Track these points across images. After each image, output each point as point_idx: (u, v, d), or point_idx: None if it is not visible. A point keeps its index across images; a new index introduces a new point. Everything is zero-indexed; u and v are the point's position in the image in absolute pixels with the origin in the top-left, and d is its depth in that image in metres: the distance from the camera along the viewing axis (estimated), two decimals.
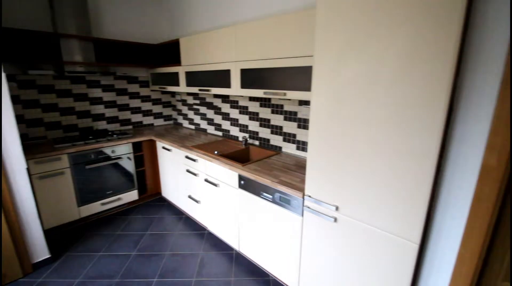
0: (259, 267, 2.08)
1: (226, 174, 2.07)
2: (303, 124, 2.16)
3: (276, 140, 2.42)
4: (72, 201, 2.50)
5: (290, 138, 2.29)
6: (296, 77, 1.75)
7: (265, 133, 2.51)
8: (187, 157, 2.49)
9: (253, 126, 2.61)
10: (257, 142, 2.62)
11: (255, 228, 1.95)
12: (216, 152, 2.26)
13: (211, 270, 2.06)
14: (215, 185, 2.21)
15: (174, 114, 3.81)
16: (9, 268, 1.88)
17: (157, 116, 3.67)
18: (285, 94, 1.84)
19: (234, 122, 2.83)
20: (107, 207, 2.78)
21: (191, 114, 3.47)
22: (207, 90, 2.48)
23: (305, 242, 1.60)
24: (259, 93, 2.01)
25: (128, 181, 2.90)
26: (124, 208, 2.99)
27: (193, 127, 3.49)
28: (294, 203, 1.61)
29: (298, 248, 1.66)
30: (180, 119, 3.71)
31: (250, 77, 2.06)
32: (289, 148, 2.32)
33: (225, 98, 2.87)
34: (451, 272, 1.10)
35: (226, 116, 2.92)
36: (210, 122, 3.16)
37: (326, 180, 1.39)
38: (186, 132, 3.27)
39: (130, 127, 3.40)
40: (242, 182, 1.95)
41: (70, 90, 2.81)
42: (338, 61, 1.21)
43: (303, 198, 1.54)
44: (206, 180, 2.29)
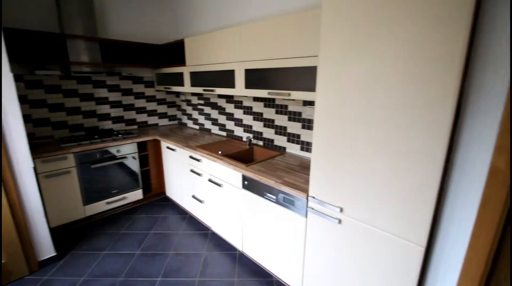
0: (262, 268, 2.08)
1: (230, 174, 2.07)
2: (307, 124, 2.15)
3: (280, 141, 2.41)
4: (77, 200, 2.53)
5: (294, 138, 2.28)
6: (301, 78, 1.74)
7: (269, 133, 2.51)
8: (191, 157, 2.49)
9: (257, 126, 2.61)
10: (261, 143, 2.62)
11: (259, 229, 1.94)
12: (220, 152, 2.27)
13: (215, 270, 2.06)
14: (218, 185, 2.21)
15: (179, 114, 3.83)
16: (15, 265, 1.90)
17: (162, 116, 3.69)
18: (289, 95, 1.83)
19: (238, 122, 2.83)
20: (112, 206, 2.81)
21: (195, 114, 3.48)
22: (212, 90, 2.49)
23: (308, 243, 1.59)
24: (263, 93, 2.00)
25: (132, 181, 2.92)
26: (128, 207, 3.01)
27: (197, 127, 3.50)
28: (298, 204, 1.60)
29: (301, 250, 1.66)
30: (185, 119, 3.73)
31: (254, 77, 2.06)
32: (293, 149, 2.31)
33: (229, 98, 2.88)
34: (457, 276, 1.08)
35: (230, 116, 2.92)
36: (214, 122, 3.17)
37: (331, 181, 1.37)
38: (191, 132, 3.29)
39: (135, 127, 3.43)
40: (245, 182, 1.95)
41: (76, 90, 2.85)
42: (344, 61, 1.20)
43: (307, 199, 1.53)
44: (210, 180, 2.30)
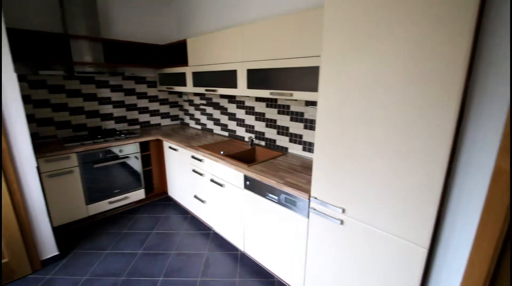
0: (264, 268, 2.07)
1: (232, 175, 2.07)
2: (309, 125, 2.14)
3: (282, 141, 2.40)
4: (80, 199, 2.54)
5: (296, 139, 2.28)
6: (303, 78, 1.74)
7: (271, 133, 2.50)
8: (193, 157, 2.50)
9: (259, 126, 2.61)
10: (263, 143, 2.61)
11: (260, 229, 1.94)
12: (222, 152, 2.27)
13: (216, 270, 2.06)
14: (220, 185, 2.21)
15: (181, 114, 3.84)
16: (18, 264, 1.92)
17: (164, 116, 3.70)
18: (291, 95, 1.82)
19: (240, 123, 2.83)
20: (115, 205, 2.82)
21: (197, 114, 3.49)
22: (214, 90, 2.49)
23: (310, 244, 1.58)
24: (265, 93, 2.00)
25: (135, 180, 2.93)
26: (131, 207, 3.02)
27: (199, 127, 3.50)
28: (300, 204, 1.60)
29: (303, 250, 1.65)
30: (187, 119, 3.73)
31: (257, 78, 2.06)
32: (295, 149, 2.31)
33: (231, 99, 2.88)
34: (461, 278, 1.07)
35: (232, 117, 2.92)
36: (217, 122, 3.17)
37: (333, 182, 1.37)
38: (193, 132, 3.29)
39: (138, 126, 3.44)
40: (247, 182, 1.94)
41: (80, 90, 2.86)
42: (346, 61, 1.19)
43: (309, 199, 1.52)
44: (212, 180, 2.30)
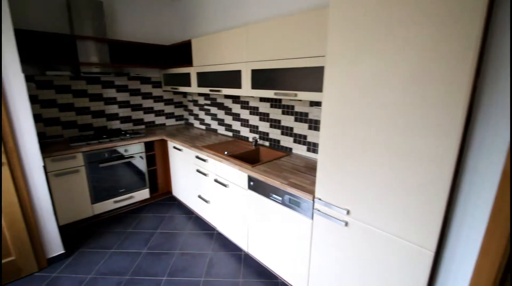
0: (267, 269, 2.07)
1: (236, 175, 2.06)
2: (314, 125, 2.13)
3: (287, 141, 2.39)
4: (86, 198, 2.56)
5: (300, 139, 2.26)
6: (308, 78, 1.73)
7: (275, 134, 2.49)
8: (197, 157, 2.50)
9: (264, 127, 2.60)
10: (267, 143, 2.60)
11: (264, 230, 1.93)
12: (226, 153, 2.26)
13: (220, 271, 2.06)
14: (224, 185, 2.21)
15: (186, 114, 3.85)
16: (25, 262, 1.94)
17: (169, 116, 3.72)
18: (296, 95, 1.81)
19: (245, 123, 2.83)
20: (119, 205, 2.84)
21: (202, 115, 3.49)
22: (218, 90, 2.49)
23: (314, 245, 1.57)
24: (269, 93, 1.99)
25: (140, 180, 2.95)
26: (135, 206, 3.04)
27: (204, 127, 3.51)
28: (304, 205, 1.58)
29: (307, 252, 1.64)
30: (191, 119, 3.75)
31: (261, 78, 2.05)
32: (300, 150, 2.29)
33: (235, 99, 2.87)
34: (468, 283, 1.05)
35: (236, 117, 2.92)
36: (221, 122, 3.18)
37: (337, 183, 1.35)
38: (197, 132, 3.30)
39: (143, 126, 3.46)
40: (251, 183, 1.94)
41: (86, 90, 2.89)
42: (352, 61, 1.18)
43: (313, 200, 1.51)
44: (215, 180, 2.30)
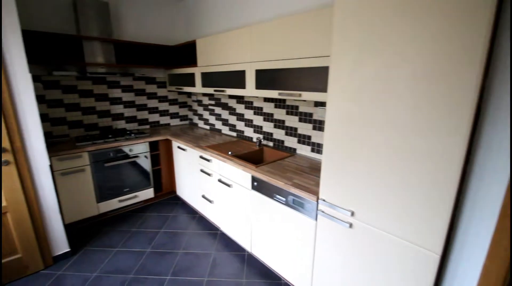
0: (271, 270, 2.06)
1: (240, 175, 2.06)
2: (318, 125, 2.12)
3: (291, 142, 2.38)
4: (91, 197, 2.59)
5: (305, 140, 2.25)
6: (312, 78, 1.72)
7: (279, 134, 2.48)
8: (201, 157, 2.51)
9: (268, 127, 2.59)
10: (271, 143, 2.60)
11: (268, 230, 1.93)
12: (230, 153, 2.27)
13: (223, 271, 2.06)
14: (228, 185, 2.21)
15: (190, 114, 3.87)
16: (31, 260, 1.97)
17: (174, 116, 3.74)
18: (300, 95, 1.80)
19: (249, 123, 2.82)
20: (124, 204, 2.86)
21: (206, 115, 3.50)
22: (222, 90, 2.49)
23: (318, 247, 1.56)
24: (274, 94, 1.99)
25: (144, 179, 2.97)
26: (140, 206, 3.06)
27: (208, 127, 3.52)
28: (308, 206, 1.57)
29: (311, 253, 1.63)
30: (196, 119, 3.76)
31: (265, 78, 2.05)
32: (304, 150, 2.28)
33: (240, 99, 2.87)
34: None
35: (240, 117, 2.92)
36: (225, 122, 3.18)
37: (342, 184, 1.34)
38: (201, 132, 3.31)
39: (148, 126, 3.48)
40: (255, 183, 1.93)
41: (92, 91, 2.92)
42: (357, 61, 1.17)
43: (317, 201, 1.50)
44: (219, 180, 2.30)
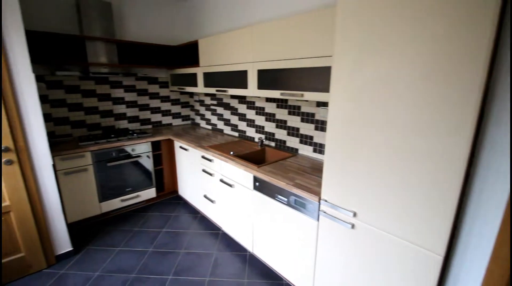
0: (272, 270, 2.06)
1: (241, 175, 2.06)
2: (320, 126, 2.11)
3: (293, 142, 2.38)
4: (94, 196, 2.60)
5: (307, 140, 2.25)
6: (314, 78, 1.71)
7: (281, 134, 2.48)
8: (203, 157, 2.51)
9: (270, 127, 2.59)
10: (273, 144, 2.59)
11: (269, 231, 1.93)
12: (231, 153, 2.27)
13: (225, 271, 2.06)
14: (230, 185, 2.21)
15: (192, 114, 3.87)
16: (34, 259, 1.98)
17: (176, 116, 3.74)
18: (302, 95, 1.80)
19: (251, 123, 2.82)
20: (126, 203, 2.87)
21: (208, 115, 3.51)
22: (224, 90, 2.49)
23: (320, 247, 1.55)
24: (276, 94, 1.98)
25: (146, 179, 2.98)
26: (142, 205, 3.07)
27: (210, 127, 3.52)
28: (310, 207, 1.57)
29: (313, 254, 1.62)
30: (198, 119, 3.76)
31: (267, 78, 2.05)
32: (306, 150, 2.28)
33: (241, 99, 2.87)
34: None
35: (242, 117, 2.92)
36: (227, 122, 3.18)
37: (344, 185, 1.34)
38: (203, 132, 3.31)
39: (150, 126, 3.49)
40: (257, 183, 1.93)
41: (94, 90, 2.93)
42: (360, 61, 1.16)
43: (319, 202, 1.49)
44: (221, 180, 2.30)
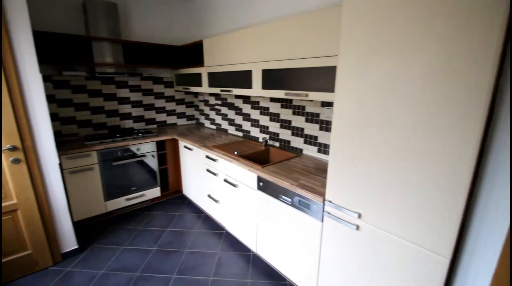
0: (276, 271, 2.05)
1: (245, 175, 2.06)
2: (325, 126, 2.10)
3: (297, 142, 2.37)
4: (99, 195, 2.63)
5: (311, 140, 2.24)
6: (319, 78, 1.70)
7: (285, 134, 2.47)
8: (207, 156, 2.51)
9: (274, 127, 2.59)
10: (277, 144, 2.59)
11: (273, 231, 1.92)
12: (236, 153, 2.27)
13: (228, 270, 2.06)
14: (234, 185, 2.21)
15: (197, 114, 3.88)
16: (41, 256, 2.01)
17: (180, 116, 3.76)
18: (307, 95, 1.79)
19: (255, 123, 2.82)
20: (131, 202, 2.89)
21: (212, 114, 3.51)
22: (229, 90, 2.49)
23: (324, 249, 1.54)
24: (280, 94, 1.98)
25: (151, 178, 3.00)
26: (147, 204, 3.09)
27: (214, 127, 3.53)
28: (314, 207, 1.56)
29: (317, 255, 1.61)
30: (202, 119, 3.78)
31: (272, 78, 2.04)
32: (310, 151, 2.26)
33: (246, 99, 2.87)
34: None
35: (246, 117, 2.92)
36: (231, 122, 3.18)
37: (348, 185, 1.33)
38: (208, 132, 3.32)
39: (155, 126, 3.52)
40: (261, 183, 1.93)
41: (100, 90, 2.96)
42: (366, 60, 1.15)
43: (323, 203, 1.48)
44: (225, 180, 2.30)
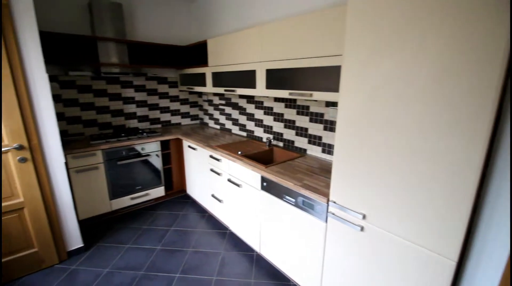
0: (279, 271, 2.04)
1: (249, 175, 2.06)
2: (329, 126, 2.09)
3: (301, 142, 2.36)
4: (104, 194, 2.65)
5: (315, 140, 2.22)
6: (323, 78, 1.69)
7: (289, 134, 2.46)
8: (211, 156, 2.52)
9: (278, 127, 2.58)
10: (281, 144, 2.58)
11: (277, 231, 1.91)
12: (239, 153, 2.26)
13: (232, 270, 2.06)
14: (237, 185, 2.21)
15: (201, 114, 3.90)
16: (47, 254, 2.03)
17: (185, 115, 3.77)
18: (311, 95, 1.78)
19: (259, 123, 2.82)
20: (136, 201, 2.91)
21: (216, 114, 3.52)
22: (233, 90, 2.49)
23: (328, 249, 1.53)
24: (284, 93, 1.97)
25: (155, 178, 3.01)
26: (151, 204, 3.11)
27: (218, 127, 3.53)
28: (318, 208, 1.55)
29: (320, 256, 1.60)
30: (206, 119, 3.78)
31: (276, 78, 2.03)
32: (314, 151, 2.25)
33: (250, 99, 2.87)
34: None
35: (250, 117, 2.92)
36: (235, 122, 3.18)
37: (353, 186, 1.31)
38: (212, 131, 3.33)
39: (159, 125, 3.53)
40: (264, 183, 1.92)
41: (106, 90, 2.99)
42: (371, 60, 1.13)
43: (327, 203, 1.47)
44: (229, 180, 2.30)
